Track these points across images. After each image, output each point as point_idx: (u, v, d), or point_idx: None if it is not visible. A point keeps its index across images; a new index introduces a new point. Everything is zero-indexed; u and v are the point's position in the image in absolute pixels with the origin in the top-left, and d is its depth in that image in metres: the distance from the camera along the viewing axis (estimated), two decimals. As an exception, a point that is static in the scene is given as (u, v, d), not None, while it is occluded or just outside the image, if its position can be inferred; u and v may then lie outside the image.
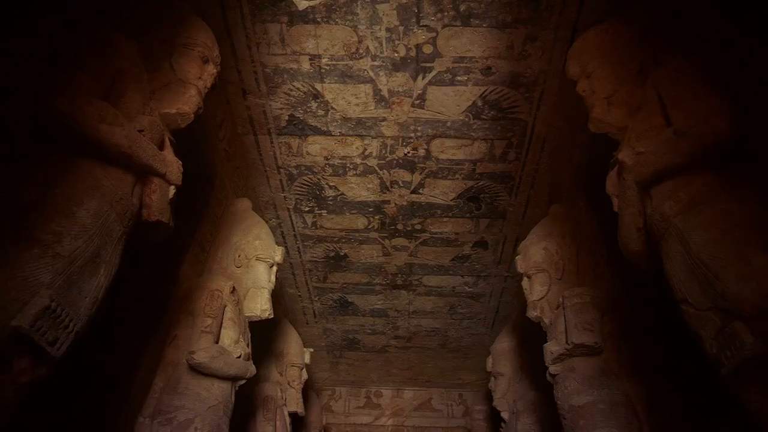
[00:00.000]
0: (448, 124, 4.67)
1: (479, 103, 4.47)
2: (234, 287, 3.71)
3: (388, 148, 4.95)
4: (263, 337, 5.81)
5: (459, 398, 9.22)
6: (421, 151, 4.96)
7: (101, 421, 2.84)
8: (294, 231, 5.96)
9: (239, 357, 3.48)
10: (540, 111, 4.53)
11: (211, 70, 2.47)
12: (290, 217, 5.76)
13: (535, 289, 4.00)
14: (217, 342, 3.39)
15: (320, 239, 6.07)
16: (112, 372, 2.91)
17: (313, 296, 7.11)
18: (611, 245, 3.99)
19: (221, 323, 3.47)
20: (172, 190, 2.24)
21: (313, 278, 6.76)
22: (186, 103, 2.31)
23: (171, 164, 2.21)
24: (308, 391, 7.68)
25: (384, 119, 4.66)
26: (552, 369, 3.56)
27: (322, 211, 5.67)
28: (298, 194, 5.46)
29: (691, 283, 1.76)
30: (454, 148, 4.92)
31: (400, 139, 4.85)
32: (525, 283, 4.15)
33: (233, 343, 3.48)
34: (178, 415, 3.05)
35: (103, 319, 3.07)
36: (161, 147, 2.21)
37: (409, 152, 4.98)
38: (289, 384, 5.72)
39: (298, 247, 6.23)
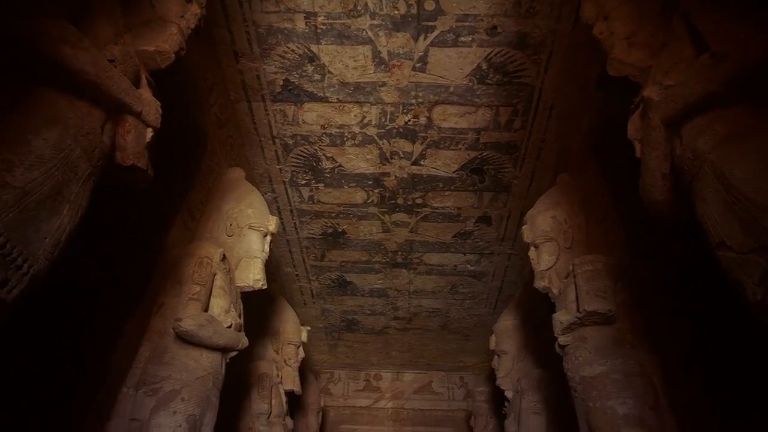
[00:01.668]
0: (451, 89, 4.44)
1: (484, 66, 4.24)
2: (224, 255, 3.52)
3: (388, 116, 4.73)
4: (259, 315, 5.64)
5: (460, 381, 9.09)
6: (423, 119, 4.74)
7: (83, 391, 2.66)
8: (290, 206, 5.76)
9: (230, 327, 3.30)
10: (548, 75, 4.30)
11: (195, 9, 2.26)
12: (286, 190, 5.56)
13: (543, 259, 3.81)
14: (206, 311, 3.21)
15: (317, 214, 5.87)
16: (94, 341, 2.73)
17: (311, 275, 6.93)
18: (623, 213, 3.81)
19: (210, 292, 3.28)
20: (149, 132, 2.03)
21: (311, 256, 6.57)
22: (166, 41, 2.10)
23: (148, 103, 2.00)
24: (306, 372, 7.53)
25: (383, 84, 4.43)
26: (561, 340, 3.38)
27: (319, 185, 5.47)
28: (294, 166, 5.25)
29: (730, 224, 1.56)
30: (457, 115, 4.70)
31: (401, 106, 4.63)
32: (532, 252, 3.96)
33: (223, 312, 3.30)
34: (164, 386, 2.88)
35: (86, 285, 2.89)
36: (137, 85, 2.00)
37: (409, 120, 4.76)
38: (285, 362, 5.56)
39: (295, 223, 6.03)
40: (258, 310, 5.74)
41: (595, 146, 4.24)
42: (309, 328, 6.10)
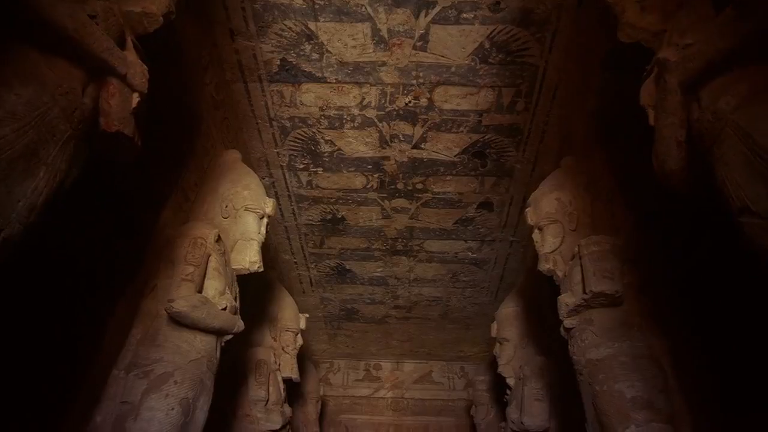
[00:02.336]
0: (453, 69, 4.32)
1: (486, 45, 4.12)
2: (219, 236, 3.41)
3: (388, 97, 4.61)
4: (256, 302, 5.55)
5: (460, 371, 9.02)
6: (423, 101, 4.62)
7: (72, 374, 2.57)
8: (288, 191, 5.65)
9: (224, 309, 3.20)
10: (552, 54, 4.18)
11: (185, -29, 2.14)
12: (284, 175, 5.45)
13: (548, 241, 3.71)
14: (200, 293, 3.11)
15: (316, 200, 5.76)
16: (83, 322, 2.64)
17: (310, 263, 6.83)
18: (630, 195, 3.70)
19: (205, 273, 3.18)
20: (135, 97, 1.92)
21: (309, 243, 6.47)
22: (153, 2, 1.98)
23: (133, 66, 1.89)
24: (305, 361, 7.45)
25: (383, 64, 4.31)
26: (567, 322, 3.29)
27: (318, 169, 5.36)
28: (292, 150, 5.14)
29: (755, 187, 1.46)
30: (459, 97, 4.58)
31: (401, 87, 4.51)
32: (536, 235, 3.86)
33: (218, 294, 3.20)
34: (155, 368, 2.78)
35: (74, 265, 2.79)
36: (122, 47, 1.89)
37: (410, 102, 4.64)
38: (283, 349, 5.47)
39: (293, 209, 5.92)
40: (256, 296, 5.65)
41: (600, 128, 4.13)
42: (307, 315, 6.02)
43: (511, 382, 5.31)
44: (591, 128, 4.26)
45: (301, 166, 5.33)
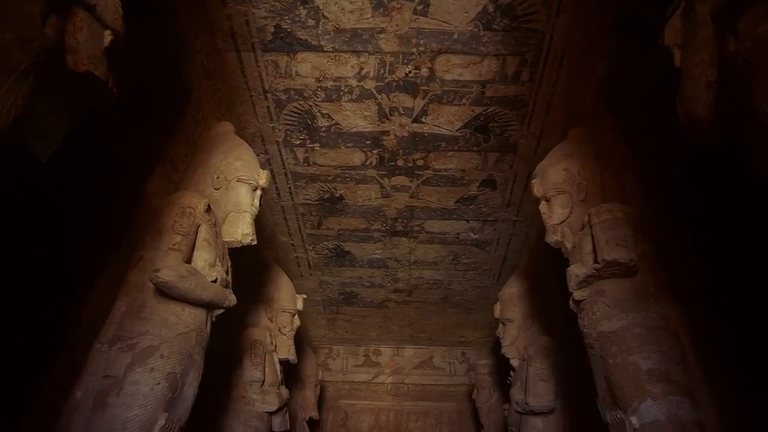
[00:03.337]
0: (455, 36, 4.13)
1: (490, 9, 3.92)
2: (209, 205, 3.24)
3: (387, 67, 4.42)
4: (252, 282, 5.40)
5: (461, 356, 8.89)
6: (424, 71, 4.43)
7: (46, 347, 2.41)
8: (284, 168, 5.47)
9: (215, 281, 3.04)
10: (559, 18, 3.98)
11: None
12: (280, 151, 5.26)
13: (555, 212, 3.53)
14: (188, 263, 2.95)
15: (313, 178, 5.58)
16: (60, 293, 2.47)
17: (307, 245, 6.66)
18: (642, 164, 3.52)
19: (194, 244, 3.01)
20: (107, 35, 1.73)
21: (307, 224, 6.30)
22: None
23: (103, -2, 1.70)
24: (304, 345, 7.32)
25: (382, 30, 4.12)
26: (577, 295, 3.12)
27: (315, 145, 5.17)
28: (288, 124, 4.95)
29: (804, 116, 1.29)
30: (461, 66, 4.39)
31: (401, 56, 4.32)
32: (543, 206, 3.68)
33: (208, 266, 3.03)
34: (141, 341, 2.62)
35: (51, 232, 2.62)
36: (91, -21, 1.70)
37: (410, 72, 4.45)
38: (279, 330, 5.32)
39: (290, 188, 5.74)
40: (251, 276, 5.50)
41: (610, 96, 3.94)
42: (305, 296, 5.86)
43: (515, 363, 5.17)
44: (600, 96, 4.08)
45: (298, 142, 5.14)
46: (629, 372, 2.66)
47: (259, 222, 5.04)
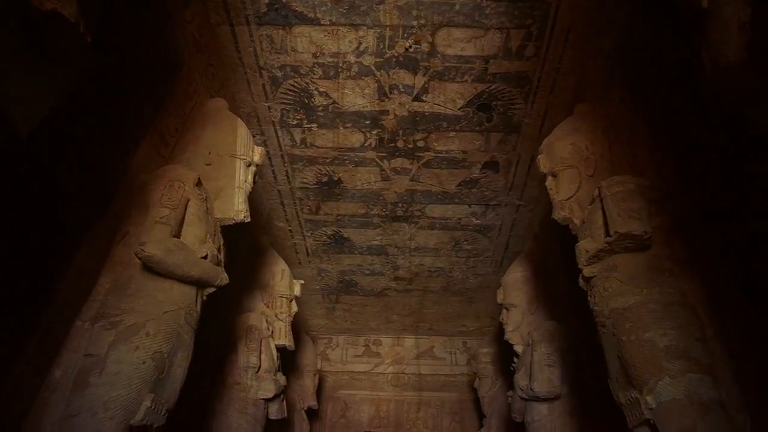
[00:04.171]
0: (457, 7, 3.97)
1: (494, -22, 3.76)
2: (199, 179, 3.08)
3: (387, 42, 4.26)
4: (248, 267, 5.26)
5: (463, 346, 8.75)
6: (425, 45, 4.27)
7: (23, 325, 2.26)
8: (281, 150, 5.31)
9: (205, 258, 2.89)
10: (565, -13, 3.82)
11: None
12: (276, 132, 5.11)
13: (563, 188, 3.38)
14: (177, 239, 2.79)
15: (311, 160, 5.42)
16: (38, 267, 2.32)
17: (305, 231, 6.51)
18: (655, 133, 3.36)
19: (183, 219, 2.86)
20: (75, -29, 1.58)
21: (305, 209, 6.14)
22: None
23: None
24: (302, 334, 7.18)
25: (381, 2, 3.96)
26: (587, 271, 2.97)
27: (312, 125, 5.01)
28: (284, 103, 4.79)
29: None
30: (464, 41, 4.23)
31: (400, 30, 4.16)
32: (550, 182, 3.53)
33: (198, 242, 2.88)
34: (125, 319, 2.47)
35: (28, 203, 2.47)
36: None
37: (410, 46, 4.28)
38: (276, 316, 5.18)
39: (287, 171, 5.58)
40: (248, 261, 5.36)
41: (619, 68, 3.78)
42: (302, 281, 5.71)
43: (518, 348, 5.03)
44: (608, 70, 3.92)
45: (294, 122, 4.98)
46: (645, 349, 2.52)
47: (255, 207, 4.89)
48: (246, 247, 5.16)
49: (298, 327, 6.66)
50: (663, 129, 3.11)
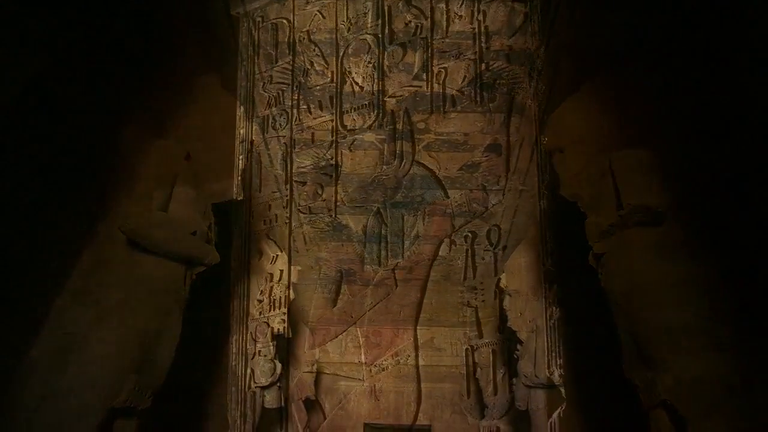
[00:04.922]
0: (458, -20, 3.82)
1: (497, -53, 3.61)
2: (189, 154, 2.95)
3: (385, 17, 4.12)
4: (243, 253, 5.09)
5: (464, 336, 8.58)
6: (425, 20, 4.12)
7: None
8: (277, 133, 5.15)
9: (194, 235, 2.75)
10: (572, -43, 3.67)
11: None
12: (272, 114, 4.95)
13: (571, 164, 3.25)
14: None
15: (308, 144, 5.27)
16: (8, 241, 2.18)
17: (303, 218, 6.34)
18: (667, 107, 3.21)
19: (171, 195, 2.72)
20: None
21: (302, 195, 5.98)
22: None
23: None
24: (299, 324, 7.02)
25: (380, -26, 3.81)
26: (597, 248, 2.84)
27: (309, 106, 4.88)
28: (279, 83, 4.68)
29: None
30: (465, 14, 4.08)
31: (400, 3, 4.02)
32: (557, 158, 3.38)
33: (187, 218, 2.74)
34: (108, 296, 2.35)
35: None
36: None
37: (410, 21, 4.15)
38: (272, 303, 5.04)
39: (283, 155, 5.41)
40: (243, 247, 5.20)
41: (629, 41, 3.64)
42: (299, 267, 5.56)
43: (522, 336, 4.90)
44: (617, 44, 3.77)
45: (291, 103, 4.84)
46: (656, 327, 2.39)
47: (251, 192, 4.75)
48: (241, 233, 5.01)
49: (295, 317, 6.51)
50: (674, 101, 2.97)
